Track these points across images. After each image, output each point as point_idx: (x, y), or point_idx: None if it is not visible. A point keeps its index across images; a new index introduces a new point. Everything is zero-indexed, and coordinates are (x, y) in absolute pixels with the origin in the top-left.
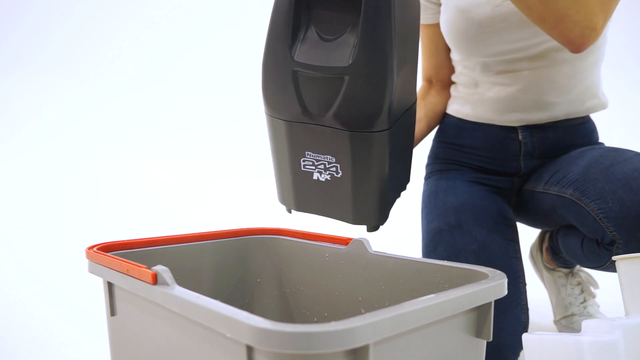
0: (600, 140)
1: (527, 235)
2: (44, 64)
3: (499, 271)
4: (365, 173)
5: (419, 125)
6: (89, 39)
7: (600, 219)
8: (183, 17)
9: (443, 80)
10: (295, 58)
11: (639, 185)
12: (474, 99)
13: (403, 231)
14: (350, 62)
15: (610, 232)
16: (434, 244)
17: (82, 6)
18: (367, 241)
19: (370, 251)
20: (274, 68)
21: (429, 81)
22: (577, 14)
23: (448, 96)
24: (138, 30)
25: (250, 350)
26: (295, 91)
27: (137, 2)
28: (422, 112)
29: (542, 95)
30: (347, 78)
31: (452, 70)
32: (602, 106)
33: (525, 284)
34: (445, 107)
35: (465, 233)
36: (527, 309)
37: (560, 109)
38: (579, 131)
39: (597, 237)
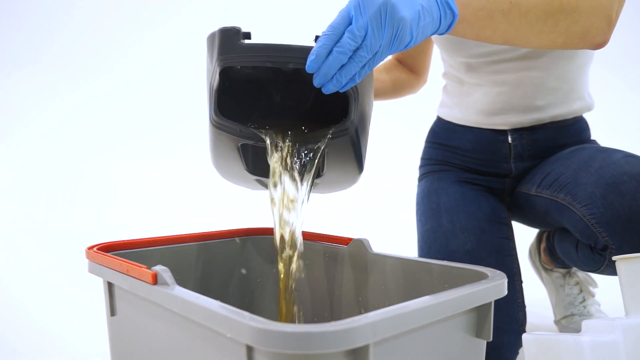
0: (596, 138)
1: (525, 234)
2: (45, 65)
3: (499, 271)
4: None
5: (384, 85)
6: (92, 40)
7: (592, 224)
8: (186, 19)
9: (410, 66)
10: (254, 173)
11: (628, 189)
12: (461, 102)
13: (403, 231)
14: (322, 173)
15: (603, 237)
16: (428, 245)
17: (84, 7)
18: (367, 241)
19: (370, 251)
20: (235, 175)
21: (398, 60)
22: (596, 21)
23: (414, 79)
24: (140, 32)
25: (250, 350)
26: (263, 184)
27: (140, 4)
28: (389, 77)
29: (526, 98)
30: (319, 181)
31: (419, 61)
32: (588, 108)
33: (522, 282)
34: (410, 86)
35: (459, 233)
36: (524, 307)
37: (545, 112)
38: (569, 131)
39: (590, 242)
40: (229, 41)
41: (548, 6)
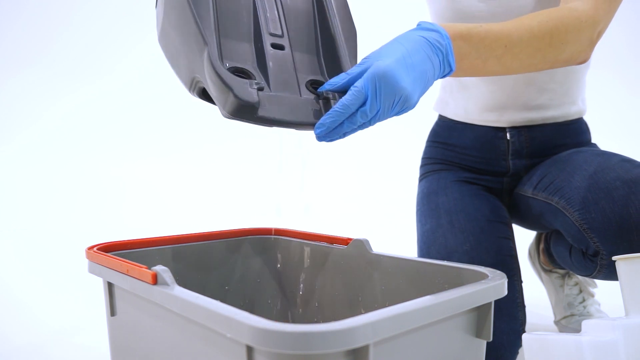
0: (597, 140)
1: (525, 234)
2: (46, 65)
3: (498, 271)
4: None
5: None
6: (93, 41)
7: (584, 229)
8: None
9: None
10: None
11: (620, 195)
12: (459, 99)
13: (403, 231)
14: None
15: (594, 242)
16: (427, 246)
17: (85, 7)
18: (367, 241)
19: (370, 251)
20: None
21: None
22: (580, 47)
23: None
24: (141, 32)
25: (250, 350)
26: None
27: (141, 4)
28: None
29: (521, 97)
30: None
31: None
32: (579, 114)
33: (521, 282)
34: None
35: (458, 233)
36: (523, 307)
37: (539, 112)
38: (568, 131)
39: (582, 247)
40: (244, 112)
41: (539, 43)
